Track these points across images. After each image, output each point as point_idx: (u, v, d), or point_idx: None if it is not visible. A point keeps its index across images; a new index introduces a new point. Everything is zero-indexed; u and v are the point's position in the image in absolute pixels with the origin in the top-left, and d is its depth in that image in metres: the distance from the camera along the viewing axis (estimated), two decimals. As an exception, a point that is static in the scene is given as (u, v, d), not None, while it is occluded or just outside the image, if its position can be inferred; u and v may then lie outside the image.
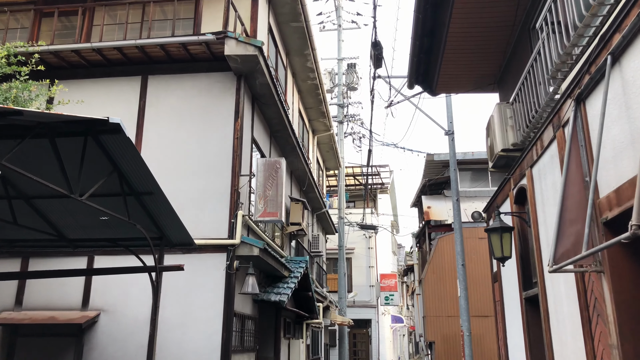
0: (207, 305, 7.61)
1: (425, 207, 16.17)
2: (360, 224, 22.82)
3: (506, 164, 6.43)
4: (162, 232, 6.32)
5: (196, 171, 8.22)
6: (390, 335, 28.31)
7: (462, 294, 8.87)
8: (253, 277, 7.65)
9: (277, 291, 9.23)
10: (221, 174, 8.13)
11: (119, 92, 8.73)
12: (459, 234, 9.26)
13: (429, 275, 15.14)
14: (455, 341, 14.55)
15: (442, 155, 16.90)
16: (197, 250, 7.76)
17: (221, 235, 7.88)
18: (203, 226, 7.96)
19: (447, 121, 9.55)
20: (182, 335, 7.52)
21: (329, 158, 20.23)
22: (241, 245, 7.76)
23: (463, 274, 9.04)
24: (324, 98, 15.44)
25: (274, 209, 7.81)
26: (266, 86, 8.87)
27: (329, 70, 23.77)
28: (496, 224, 5.40)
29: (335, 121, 22.70)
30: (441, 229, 16.18)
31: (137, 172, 5.39)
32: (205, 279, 7.72)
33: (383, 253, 26.76)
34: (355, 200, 27.19)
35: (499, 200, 6.70)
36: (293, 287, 9.64)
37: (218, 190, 8.08)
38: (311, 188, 14.67)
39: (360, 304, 23.71)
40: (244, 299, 8.37)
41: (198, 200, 8.08)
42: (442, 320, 14.73)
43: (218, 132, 8.35)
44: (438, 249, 15.29)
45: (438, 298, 14.91)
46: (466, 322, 8.85)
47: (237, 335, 7.98)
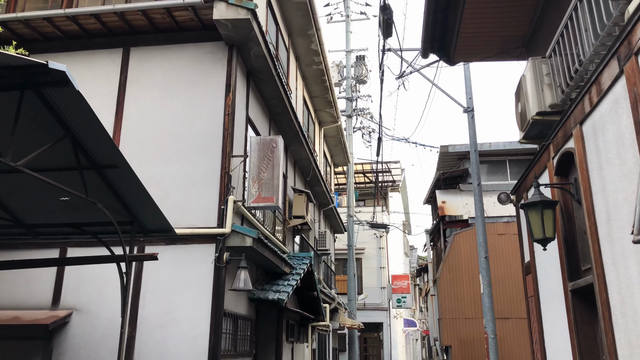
0: (193, 303, 6.65)
1: (439, 201, 15.11)
2: (371, 223, 21.79)
3: (540, 134, 5.40)
4: (134, 215, 5.36)
5: (182, 152, 7.28)
6: (403, 339, 27.15)
7: (485, 291, 7.82)
8: (245, 271, 6.67)
9: (276, 289, 8.24)
10: (210, 155, 7.18)
11: (98, 66, 7.83)
12: (480, 222, 8.22)
13: (444, 275, 14.07)
14: (474, 345, 13.45)
15: (457, 146, 15.84)
16: (182, 240, 6.83)
17: (210, 223, 6.92)
18: (189, 213, 7.01)
19: (465, 97, 8.53)
20: (164, 338, 6.55)
21: (337, 153, 19.23)
22: (232, 234, 6.80)
23: (486, 267, 7.98)
24: (331, 85, 14.46)
25: (270, 193, 6.83)
26: (262, 58, 7.92)
27: (337, 62, 22.81)
28: (535, 198, 4.36)
29: (343, 115, 21.74)
30: (457, 225, 15.09)
31: (95, 139, 4.44)
32: (191, 273, 6.76)
33: (394, 254, 25.67)
34: (365, 199, 26.15)
35: (530, 177, 5.66)
36: (294, 285, 8.65)
37: (207, 173, 7.13)
38: (317, 181, 13.68)
39: (371, 307, 22.62)
40: (237, 297, 7.39)
41: (184, 185, 7.13)
42: (459, 323, 13.64)
43: (207, 108, 7.41)
44: (454, 246, 14.22)
45: (454, 299, 13.83)
46: (491, 323, 7.79)
47: (229, 337, 6.99)
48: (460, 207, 14.86)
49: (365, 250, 23.20)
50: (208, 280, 6.69)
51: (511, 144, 15.52)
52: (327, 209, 16.10)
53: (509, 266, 13.87)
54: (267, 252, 7.43)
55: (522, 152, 15.37)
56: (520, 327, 13.36)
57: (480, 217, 8.19)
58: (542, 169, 5.21)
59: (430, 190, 17.02)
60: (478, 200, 8.30)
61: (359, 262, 22.91)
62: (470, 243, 14.23)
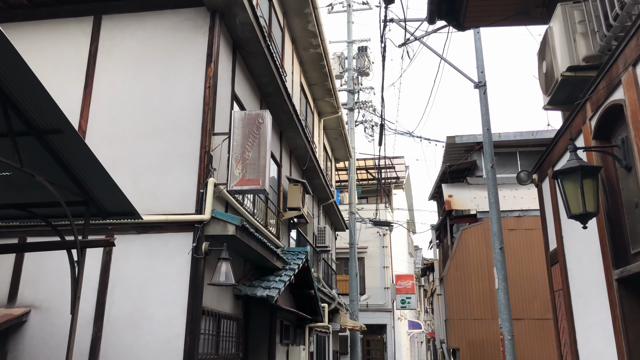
0: (168, 300, 5.82)
1: (446, 195, 14.23)
2: (374, 220, 20.91)
3: (569, 98, 4.55)
4: (89, 194, 4.53)
5: (158, 130, 6.46)
6: (407, 342, 26.23)
7: (500, 286, 6.95)
8: (227, 264, 5.83)
9: (266, 285, 7.40)
10: (189, 133, 6.36)
11: (66, 36, 7.02)
12: (494, 209, 7.35)
13: (451, 273, 13.19)
14: (483, 348, 12.56)
15: (464, 137, 14.97)
16: (155, 228, 6.00)
17: (187, 209, 6.09)
18: (165, 198, 6.19)
19: (476, 71, 7.67)
20: (133, 340, 5.72)
21: (338, 147, 18.37)
22: (212, 222, 5.96)
23: (502, 260, 7.11)
24: (330, 72, 13.63)
25: (255, 175, 6.00)
26: (249, 27, 7.09)
27: (338, 54, 21.97)
28: (572, 164, 3.50)
29: (345, 108, 20.91)
30: (465, 220, 14.21)
31: (32, 99, 3.62)
32: (165, 265, 5.93)
33: (398, 253, 24.77)
34: (368, 196, 25.27)
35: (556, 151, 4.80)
36: (287, 281, 7.81)
37: (185, 153, 6.30)
38: (315, 173, 12.84)
39: (374, 308, 21.72)
40: (220, 294, 6.55)
41: (159, 166, 6.31)
42: (467, 324, 12.76)
43: (186, 81, 6.59)
44: (462, 242, 13.34)
45: (462, 298, 12.94)
46: (507, 323, 6.92)
47: (209, 339, 6.15)
48: (468, 201, 13.99)
49: (367, 249, 22.32)
50: (184, 274, 5.86)
51: (522, 134, 14.65)
52: (327, 203, 15.25)
53: (521, 263, 12.98)
54: (253, 243, 6.59)
55: (533, 143, 14.49)
56: (535, 329, 12.46)
57: (495, 204, 7.33)
58: (576, 134, 4.35)
59: (436, 185, 16.15)
60: (492, 185, 7.44)
61: (362, 261, 22.03)
62: (479, 239, 13.36)
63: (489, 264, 13.09)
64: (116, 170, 6.30)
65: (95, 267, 5.98)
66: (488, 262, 13.13)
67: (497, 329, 12.71)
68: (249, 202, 8.00)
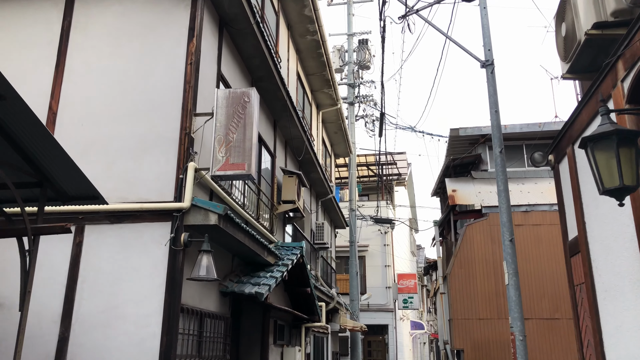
0: (142, 296, 5.26)
1: (449, 190, 13.64)
2: (375, 218, 20.33)
3: (592, 64, 3.98)
4: (43, 174, 3.97)
5: (135, 111, 5.90)
6: (410, 342, 25.63)
7: (511, 282, 6.36)
8: (208, 256, 5.26)
9: (255, 281, 6.84)
10: (169, 114, 5.80)
11: (37, 10, 6.46)
12: (504, 198, 6.76)
13: (455, 271, 12.60)
14: (489, 349, 11.97)
15: (468, 129, 14.39)
16: (130, 218, 5.44)
17: (165, 197, 5.53)
18: (140, 185, 5.63)
19: (483, 49, 7.09)
20: (105, 340, 5.15)
21: (338, 141, 17.80)
22: (192, 210, 5.40)
23: (512, 253, 6.52)
24: (328, 61, 13.06)
25: (240, 159, 5.43)
26: (237, 2, 6.53)
27: (338, 47, 21.40)
28: (606, 128, 2.90)
29: (345, 102, 20.34)
30: (469, 216, 13.62)
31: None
32: (141, 258, 5.37)
33: (400, 251, 24.17)
34: (369, 194, 24.69)
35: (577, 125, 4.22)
36: (279, 277, 7.24)
37: (163, 135, 5.75)
38: (313, 166, 12.27)
39: (375, 308, 21.14)
40: (203, 291, 5.99)
41: (135, 150, 5.75)
42: (472, 324, 12.17)
43: (166, 58, 6.03)
44: (466, 238, 12.76)
45: (467, 297, 12.35)
46: (518, 322, 6.32)
47: (190, 339, 5.58)
48: (473, 196, 13.40)
49: (369, 248, 21.74)
50: (161, 268, 5.30)
51: (528, 126, 14.06)
52: (325, 199, 14.68)
53: (528, 260, 12.39)
54: (240, 235, 6.01)
55: (540, 135, 13.90)
56: (543, 329, 11.87)
57: (504, 191, 6.74)
58: (606, 98, 3.76)
59: (439, 180, 15.56)
60: (501, 172, 6.85)
61: (362, 260, 21.46)
62: (485, 235, 12.77)
63: (495, 260, 12.50)
64: (89, 154, 5.77)
65: (64, 260, 5.43)
66: (494, 259, 12.54)
67: (504, 329, 12.13)
68: (238, 192, 7.45)
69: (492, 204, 12.99)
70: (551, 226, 12.43)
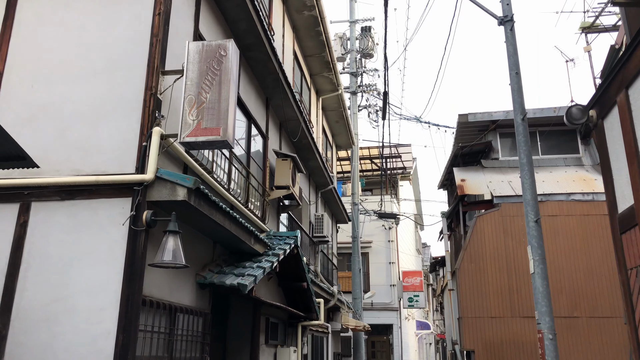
0: (96, 286, 4.38)
1: (458, 180, 12.73)
2: (379, 212, 19.43)
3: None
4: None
5: (93, 70, 5.03)
6: (415, 343, 24.68)
7: (537, 269, 5.44)
8: (175, 239, 4.39)
9: (239, 272, 5.96)
10: (132, 72, 4.93)
11: (-14, -41, 5.60)
12: (527, 173, 5.85)
13: (465, 266, 11.69)
14: (502, 349, 11.05)
15: (478, 115, 13.47)
16: (84, 193, 4.58)
17: (126, 168, 4.66)
18: (97, 155, 4.76)
19: (501, 4, 6.15)
20: (50, 339, 4.29)
21: (340, 131, 16.92)
22: (157, 184, 4.53)
23: (538, 235, 5.59)
24: (328, 41, 12.18)
25: (214, 122, 4.55)
26: (215, -53, 5.66)
27: (340, 35, 20.53)
28: None
29: (347, 92, 19.47)
30: (479, 207, 12.70)
31: None
32: (95, 242, 4.50)
33: (405, 248, 23.24)
34: (373, 188, 23.78)
35: (632, 64, 3.32)
36: (267, 268, 6.36)
37: (125, 97, 4.88)
38: (311, 154, 11.39)
39: (379, 307, 20.22)
40: (175, 281, 5.11)
41: (92, 114, 4.88)
42: (483, 323, 11.25)
43: (132, 8, 5.16)
44: (476, 231, 11.84)
45: (478, 294, 11.44)
46: (547, 317, 5.39)
47: (156, 338, 4.70)
48: (483, 186, 12.48)
49: (372, 244, 20.83)
50: (119, 252, 4.42)
51: (542, 111, 13.13)
52: (325, 190, 13.79)
53: (543, 254, 11.45)
54: (218, 215, 5.13)
55: (555, 121, 12.97)
56: (561, 328, 10.93)
57: (527, 165, 5.83)
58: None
59: (446, 170, 14.63)
60: (523, 142, 5.95)
61: (366, 256, 20.55)
62: (496, 227, 11.85)
63: (508, 254, 11.58)
64: (38, 119, 4.92)
65: (5, 243, 4.57)
66: (506, 253, 11.62)
67: (519, 329, 11.21)
68: (222, 173, 6.58)
69: (505, 193, 12.08)
70: (569, 217, 11.50)
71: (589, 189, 11.84)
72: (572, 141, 13.59)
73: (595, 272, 11.13)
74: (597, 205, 11.59)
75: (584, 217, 11.57)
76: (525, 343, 10.98)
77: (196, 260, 5.65)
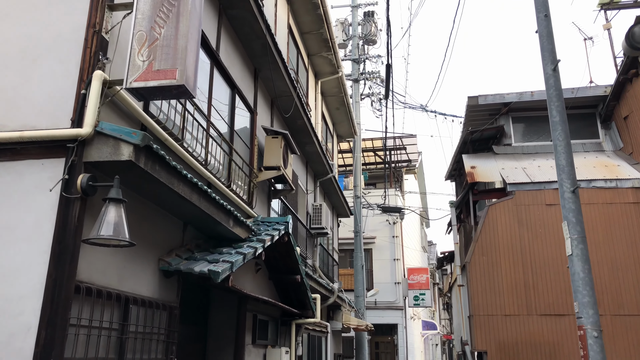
0: (16, 268, 3.45)
1: (467, 167, 11.73)
2: (383, 206, 18.46)
3: None
4: None
5: (24, 3, 4.09)
6: (421, 344, 23.65)
7: (576, 250, 4.43)
8: (118, 209, 3.44)
9: (213, 258, 5.00)
10: (72, 6, 3.99)
11: None
12: (561, 132, 4.87)
13: (476, 259, 10.69)
14: (517, 351, 10.05)
15: (489, 97, 12.48)
16: (7, 154, 3.67)
17: (61, 122, 3.72)
18: (25, 106, 3.82)
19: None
20: (-46, 336, 3.34)
21: (341, 119, 15.96)
22: (97, 140, 3.58)
23: (576, 208, 4.57)
24: (326, 15, 11.23)
25: (169, 64, 3.60)
26: None
27: (342, 20, 19.60)
28: None
29: (349, 80, 18.52)
30: (491, 196, 11.69)
31: None
32: (18, 213, 3.56)
33: (410, 244, 22.22)
34: (376, 182, 22.80)
35: None
36: (248, 254, 5.41)
37: (63, 36, 3.93)
38: (308, 137, 10.45)
39: (383, 305, 19.22)
40: (127, 266, 4.16)
41: (22, 58, 3.94)
42: (496, 322, 10.25)
43: None
44: (488, 221, 10.84)
45: (490, 290, 10.44)
46: (590, 310, 4.33)
47: (95, 335, 3.75)
48: (495, 173, 11.48)
49: (376, 240, 19.84)
50: (48, 226, 3.48)
51: (559, 92, 12.08)
52: (325, 179, 12.83)
53: (562, 246, 10.43)
54: (182, 186, 4.17)
55: (573, 103, 11.96)
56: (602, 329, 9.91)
57: (561, 123, 4.86)
58: None
59: (455, 157, 13.64)
60: (555, 96, 5.00)
61: (369, 253, 19.56)
62: (511, 216, 10.85)
63: (523, 246, 10.58)
64: (-44, 65, 3.97)
65: None
66: (522, 245, 10.62)
67: (536, 328, 10.21)
68: (198, 145, 5.64)
69: (519, 180, 11.07)
70: (590, 206, 10.48)
71: (612, 175, 10.82)
72: (592, 126, 12.57)
73: (620, 266, 10.10)
74: (621, 193, 10.58)
75: (606, 206, 10.55)
76: (542, 344, 9.97)
77: (159, 242, 4.71)
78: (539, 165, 11.66)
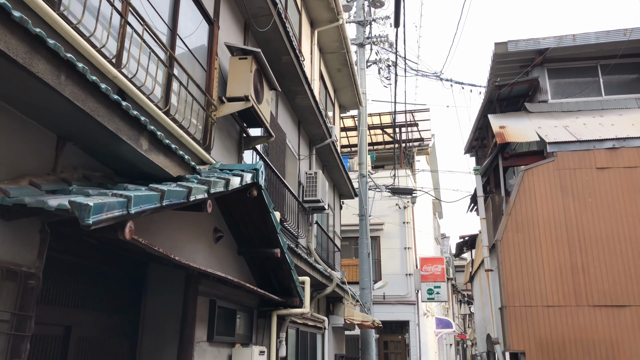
0: None
1: (495, 127, 9.56)
2: (392, 187, 16.29)
3: None
4: None
5: None
6: (435, 344, 21.45)
7: None
8: None
9: (99, 193, 2.88)
10: None
11: None
12: None
13: (509, 236, 8.54)
14: (565, 351, 7.89)
15: (520, 43, 10.29)
16: None
17: None
18: None
19: None
20: None
21: (343, 84, 13.82)
22: None
23: None
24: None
25: None
26: None
27: (345, -20, 17.44)
28: None
29: (354, 44, 16.41)
30: (525, 161, 9.49)
31: None
32: None
33: (423, 230, 20.01)
34: (385, 164, 20.64)
35: None
36: (166, 193, 3.29)
37: None
38: (298, 82, 8.36)
39: (393, 300, 17.05)
40: None
41: None
42: (536, 314, 8.09)
43: None
44: (524, 190, 8.69)
45: (528, 274, 8.28)
46: None
47: None
48: (530, 132, 9.30)
49: (384, 226, 17.68)
50: None
51: (608, 35, 9.90)
52: (322, 145, 10.71)
53: (618, 219, 8.28)
54: (41, 61, 2.05)
55: (625, 50, 9.76)
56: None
57: None
58: None
59: (477, 122, 11.45)
60: None
61: (376, 241, 17.43)
62: (551, 183, 8.69)
63: (569, 219, 8.43)
64: None
65: None
66: (566, 218, 8.46)
67: (588, 322, 8.00)
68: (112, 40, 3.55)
69: (562, 139, 8.90)
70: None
71: (681, 131, 8.62)
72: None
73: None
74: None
75: (676, 168, 8.35)
76: (597, 342, 7.81)
77: (3, 162, 2.62)
78: (584, 123, 9.47)
